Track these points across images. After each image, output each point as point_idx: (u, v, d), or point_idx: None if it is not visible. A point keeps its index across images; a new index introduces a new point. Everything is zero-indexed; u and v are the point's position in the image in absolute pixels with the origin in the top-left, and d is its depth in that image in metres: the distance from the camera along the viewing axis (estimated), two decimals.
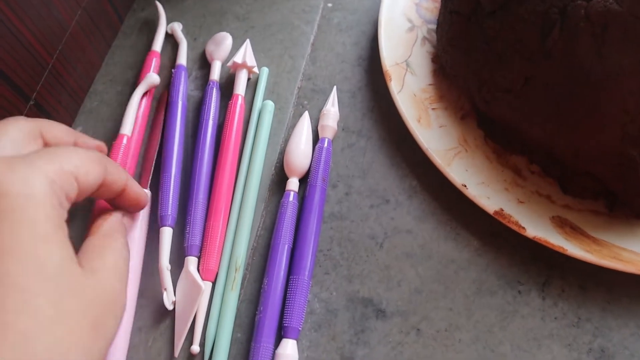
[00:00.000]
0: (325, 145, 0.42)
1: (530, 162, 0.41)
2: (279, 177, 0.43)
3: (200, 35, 0.51)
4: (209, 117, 0.43)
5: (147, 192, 0.41)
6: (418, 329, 0.37)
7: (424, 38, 0.46)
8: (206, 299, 0.38)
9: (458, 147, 0.41)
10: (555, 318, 0.37)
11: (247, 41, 0.47)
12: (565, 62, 0.34)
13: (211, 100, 0.44)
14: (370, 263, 0.39)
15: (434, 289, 0.38)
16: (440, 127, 0.42)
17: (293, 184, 0.41)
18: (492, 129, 0.42)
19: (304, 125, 0.43)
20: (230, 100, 0.45)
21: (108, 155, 0.41)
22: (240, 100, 0.44)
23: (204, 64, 0.49)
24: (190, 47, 0.50)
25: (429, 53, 0.46)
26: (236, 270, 0.38)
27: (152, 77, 0.46)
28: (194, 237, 0.39)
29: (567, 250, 0.36)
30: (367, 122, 0.44)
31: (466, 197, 0.39)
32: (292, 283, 0.37)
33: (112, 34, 0.51)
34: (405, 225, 0.40)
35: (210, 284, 0.38)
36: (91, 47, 0.48)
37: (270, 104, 0.44)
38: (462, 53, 0.41)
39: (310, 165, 0.41)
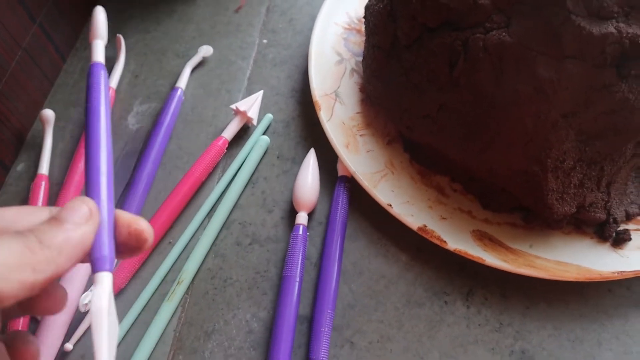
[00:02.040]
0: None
1: (453, 181, 0.44)
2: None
3: (141, 72, 0.53)
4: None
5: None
6: (352, 342, 0.39)
7: (352, 70, 0.50)
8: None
9: (385, 170, 0.44)
10: (479, 325, 0.39)
11: (260, 94, 0.49)
12: (471, 90, 0.38)
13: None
14: (306, 282, 0.41)
15: (366, 304, 0.40)
16: (368, 151, 0.45)
17: (302, 218, 0.42)
18: (417, 152, 0.45)
19: (310, 161, 0.45)
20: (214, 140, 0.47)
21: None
22: (221, 142, 0.46)
23: (145, 100, 0.51)
24: (132, 84, 0.52)
25: (357, 83, 0.49)
26: (178, 283, 0.40)
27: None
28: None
29: (485, 260, 0.39)
30: (301, 149, 0.47)
31: (393, 215, 0.41)
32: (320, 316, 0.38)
33: (55, 73, 0.53)
34: None
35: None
36: (33, 86, 0.49)
37: (264, 139, 0.47)
38: (384, 83, 0.45)
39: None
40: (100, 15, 0.29)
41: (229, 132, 0.47)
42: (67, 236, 0.21)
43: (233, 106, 0.47)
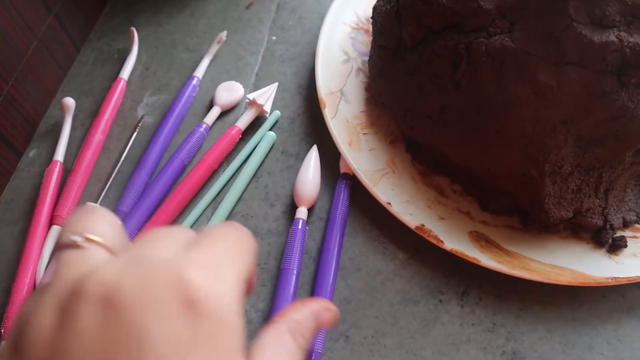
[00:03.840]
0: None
1: (453, 182, 0.45)
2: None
3: (152, 64, 0.54)
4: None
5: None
6: (347, 336, 0.40)
7: (359, 69, 0.50)
8: None
9: (386, 169, 0.45)
10: (473, 324, 0.40)
11: (275, 85, 0.50)
12: (472, 92, 0.39)
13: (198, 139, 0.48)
14: (304, 276, 0.42)
15: (362, 299, 0.41)
16: (370, 150, 0.45)
17: (302, 213, 0.43)
18: (418, 152, 0.46)
19: (312, 158, 0.45)
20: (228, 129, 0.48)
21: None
22: (235, 131, 0.47)
23: (155, 91, 0.52)
24: (142, 76, 0.53)
25: (363, 83, 0.50)
26: None
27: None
28: None
29: (480, 261, 0.40)
30: (305, 146, 0.48)
31: (392, 214, 0.42)
32: None
33: (69, 63, 0.54)
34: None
35: None
36: (47, 75, 0.51)
37: (271, 135, 0.48)
38: (388, 83, 0.45)
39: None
40: None
41: (243, 122, 0.48)
42: None
43: (250, 96, 0.48)
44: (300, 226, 0.42)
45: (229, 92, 0.50)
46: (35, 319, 0.18)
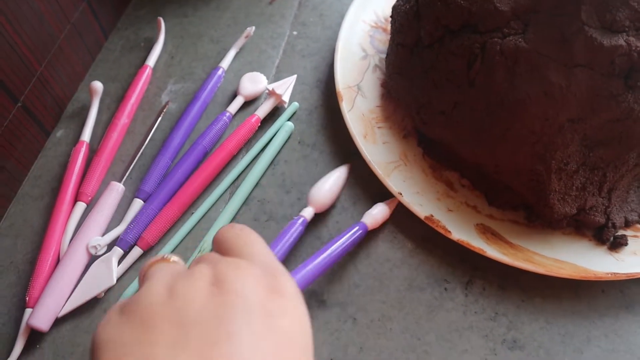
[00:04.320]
0: None
1: (462, 177, 0.46)
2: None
3: (177, 54, 0.56)
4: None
5: (121, 186, 0.46)
6: (354, 318, 0.42)
7: (376, 66, 0.52)
8: None
9: (398, 161, 0.46)
10: (475, 312, 0.42)
11: (294, 77, 0.52)
12: (485, 90, 0.40)
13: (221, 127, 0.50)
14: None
15: (370, 284, 0.43)
16: (384, 143, 0.47)
17: (306, 211, 0.44)
18: (430, 147, 0.47)
19: (337, 172, 0.46)
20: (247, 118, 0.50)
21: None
22: (254, 120, 0.50)
23: (179, 80, 0.54)
24: (167, 64, 0.55)
25: (379, 79, 0.51)
26: (200, 252, 0.43)
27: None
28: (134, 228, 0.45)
29: (486, 252, 0.41)
30: (321, 137, 0.50)
31: (402, 204, 0.44)
32: None
33: (97, 49, 0.56)
34: (348, 227, 0.45)
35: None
36: (77, 59, 0.53)
37: (289, 125, 0.50)
38: (405, 79, 0.47)
39: None
40: None
41: (262, 111, 0.50)
42: None
43: (269, 86, 0.51)
44: (298, 223, 0.43)
45: (253, 83, 0.52)
46: (147, 290, 0.23)
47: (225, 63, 0.54)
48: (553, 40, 0.38)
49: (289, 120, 0.51)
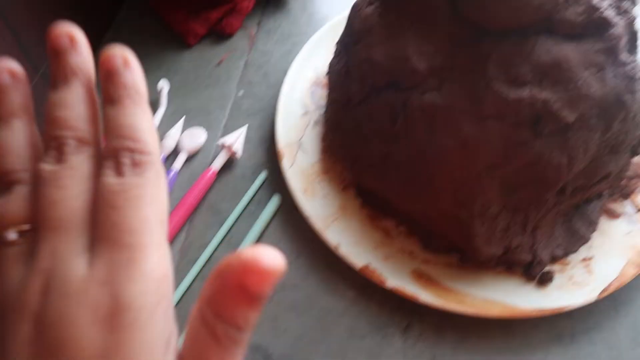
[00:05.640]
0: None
1: (399, 224, 0.49)
2: None
3: None
4: None
5: None
6: None
7: (316, 121, 0.55)
8: None
9: (337, 214, 0.48)
10: (414, 357, 0.43)
11: (245, 127, 0.55)
12: (408, 143, 0.43)
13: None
14: (261, 314, 0.45)
15: (314, 335, 0.44)
16: (324, 196, 0.50)
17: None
18: (367, 197, 0.50)
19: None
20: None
21: None
22: (210, 174, 0.52)
23: None
24: None
25: (320, 133, 0.54)
26: None
27: None
28: None
29: (419, 297, 0.43)
30: (265, 194, 0.52)
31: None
32: None
33: None
34: (292, 281, 0.47)
35: None
36: None
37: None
38: (340, 134, 0.50)
39: None
40: None
41: (217, 164, 0.53)
42: None
43: (219, 142, 0.53)
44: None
45: (193, 137, 0.55)
46: None
47: (155, 120, 0.56)
48: (465, 95, 0.41)
49: (234, 179, 0.53)
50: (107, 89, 0.23)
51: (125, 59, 0.23)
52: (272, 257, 0.19)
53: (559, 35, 0.41)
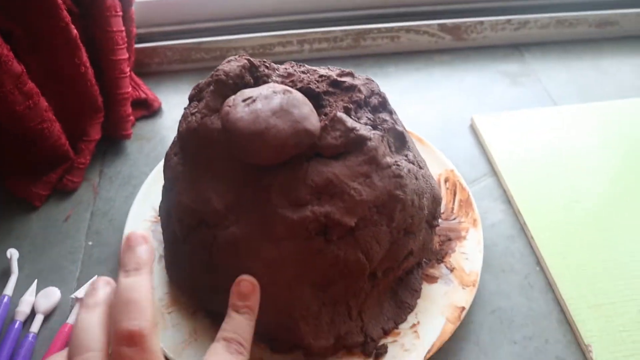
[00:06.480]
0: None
1: None
2: None
3: None
4: None
5: None
6: None
7: (161, 255, 0.60)
8: None
9: (189, 339, 0.54)
10: None
11: (94, 278, 0.58)
12: (225, 271, 0.49)
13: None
14: None
15: None
16: (174, 325, 0.55)
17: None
18: (215, 316, 0.55)
19: None
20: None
21: None
22: (67, 329, 0.55)
23: None
24: None
25: (164, 267, 0.59)
26: None
27: None
28: None
29: None
30: None
31: None
32: None
33: None
34: None
35: None
36: None
37: None
38: (177, 267, 0.56)
39: None
40: None
41: (72, 319, 0.56)
42: None
43: (73, 295, 0.57)
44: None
45: (48, 297, 0.59)
46: None
47: (9, 289, 0.59)
48: (259, 224, 0.48)
49: None
50: None
51: None
52: None
53: (327, 157, 0.49)
